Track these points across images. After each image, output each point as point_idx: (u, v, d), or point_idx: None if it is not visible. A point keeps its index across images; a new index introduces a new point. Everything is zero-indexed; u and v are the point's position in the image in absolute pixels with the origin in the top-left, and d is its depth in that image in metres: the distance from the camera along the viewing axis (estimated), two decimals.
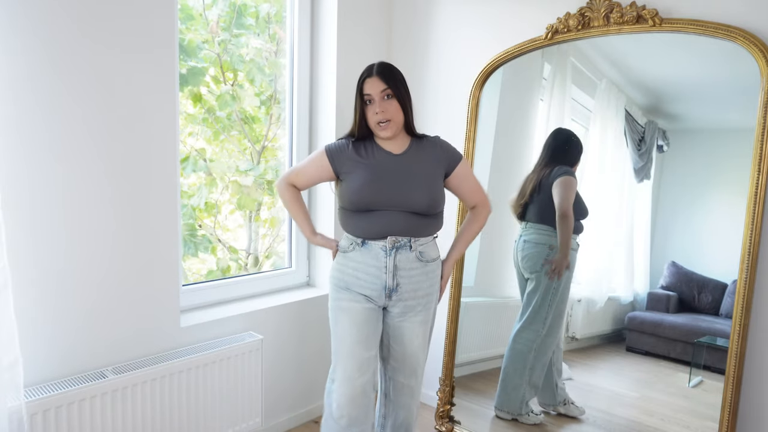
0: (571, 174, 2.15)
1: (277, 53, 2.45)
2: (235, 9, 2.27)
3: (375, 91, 1.69)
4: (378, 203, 1.70)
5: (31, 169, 1.58)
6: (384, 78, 1.69)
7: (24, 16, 1.52)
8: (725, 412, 1.77)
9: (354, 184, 1.72)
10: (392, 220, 1.70)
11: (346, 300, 1.76)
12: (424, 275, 1.77)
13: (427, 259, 1.77)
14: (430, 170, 1.76)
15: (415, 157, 1.77)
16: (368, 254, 1.72)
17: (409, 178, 1.72)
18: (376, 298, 1.75)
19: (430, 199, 1.72)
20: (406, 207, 1.70)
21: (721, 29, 1.74)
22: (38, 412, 1.56)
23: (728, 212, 1.85)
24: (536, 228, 2.21)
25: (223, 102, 2.26)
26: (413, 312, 1.77)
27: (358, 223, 1.73)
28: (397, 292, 1.74)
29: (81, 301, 1.72)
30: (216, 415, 2.00)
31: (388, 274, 1.72)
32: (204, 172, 2.28)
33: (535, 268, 2.21)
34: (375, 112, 1.70)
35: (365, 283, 1.74)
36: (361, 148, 1.77)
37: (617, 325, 2.22)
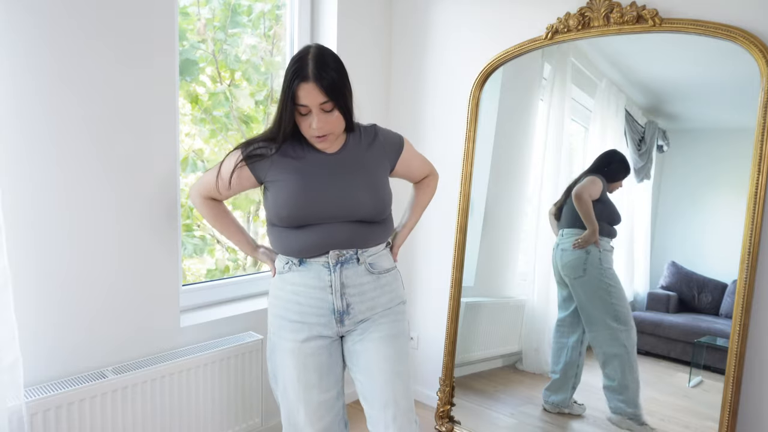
0: (598, 176, 2.14)
1: (273, 52, 2.45)
2: (230, 7, 2.27)
3: (313, 103, 1.35)
4: (314, 216, 1.41)
5: (31, 170, 1.58)
6: (324, 88, 1.33)
7: (26, 18, 1.52)
8: (725, 412, 1.77)
9: (282, 195, 1.41)
10: (333, 233, 1.42)
11: (289, 339, 1.45)
12: (379, 289, 1.48)
13: (379, 271, 1.49)
14: (374, 167, 1.49)
15: (354, 155, 1.48)
16: (308, 274, 1.43)
17: (351, 181, 1.43)
18: (326, 327, 1.45)
19: (377, 203, 1.45)
20: (349, 216, 1.42)
21: (721, 29, 1.74)
22: (38, 412, 1.55)
23: (728, 212, 1.85)
24: (571, 234, 2.19)
25: (217, 101, 2.26)
26: (373, 328, 1.46)
27: (292, 242, 1.44)
28: (350, 314, 1.45)
29: (81, 301, 1.72)
30: (216, 415, 2.00)
31: (335, 294, 1.43)
32: (202, 173, 2.28)
33: (576, 273, 2.18)
34: (311, 126, 1.37)
35: (309, 309, 1.44)
36: (289, 147, 1.46)
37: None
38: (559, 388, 2.26)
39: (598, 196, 2.13)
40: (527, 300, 2.43)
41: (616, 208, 2.13)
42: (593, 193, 2.13)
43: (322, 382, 1.46)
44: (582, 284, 2.18)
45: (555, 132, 2.32)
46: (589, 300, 2.18)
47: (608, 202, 2.13)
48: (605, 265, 2.13)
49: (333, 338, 1.48)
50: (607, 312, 2.15)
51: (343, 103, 1.38)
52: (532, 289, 2.43)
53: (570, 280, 2.21)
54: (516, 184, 2.45)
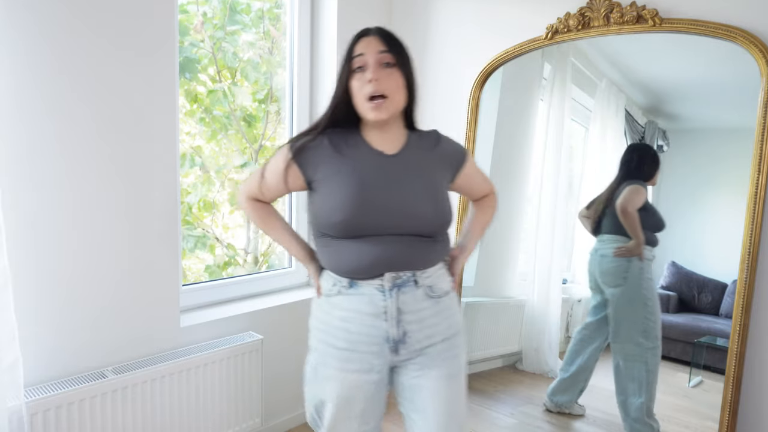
0: (640, 184, 2.05)
1: (272, 51, 2.45)
2: (228, 5, 2.27)
3: (371, 51, 1.23)
4: (371, 226, 1.23)
5: (31, 169, 1.58)
6: (386, 39, 1.25)
7: (26, 16, 1.52)
8: (725, 412, 1.77)
9: (335, 196, 1.24)
10: (389, 249, 1.24)
11: (336, 367, 1.29)
12: (439, 315, 1.31)
13: (438, 294, 1.32)
14: (436, 176, 1.33)
15: (416, 158, 1.32)
16: (360, 299, 1.26)
17: (412, 187, 1.27)
18: (378, 356, 1.28)
19: (440, 215, 1.28)
20: (409, 229, 1.25)
21: (721, 29, 1.74)
22: (38, 412, 1.55)
23: (728, 212, 1.85)
24: (613, 240, 2.09)
25: (215, 99, 2.26)
26: (433, 364, 1.30)
27: (343, 258, 1.27)
28: (406, 344, 1.27)
29: (81, 301, 1.72)
30: (216, 415, 2.00)
31: (390, 321, 1.26)
32: (200, 168, 2.28)
33: (616, 282, 2.09)
34: (368, 80, 1.22)
35: (359, 337, 1.27)
36: (342, 144, 1.29)
37: None
38: (566, 390, 2.24)
39: (642, 204, 2.04)
40: (527, 300, 2.44)
41: (660, 214, 2.04)
42: (638, 204, 2.03)
43: (364, 415, 1.32)
44: (620, 294, 2.09)
45: (555, 132, 2.32)
46: (623, 311, 2.09)
47: (651, 210, 2.05)
48: (646, 275, 2.05)
49: (383, 370, 1.31)
50: (637, 326, 2.06)
51: (405, 63, 1.27)
52: (532, 289, 2.43)
53: (607, 288, 2.12)
54: (516, 184, 2.45)
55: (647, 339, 2.05)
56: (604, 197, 2.13)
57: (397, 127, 1.34)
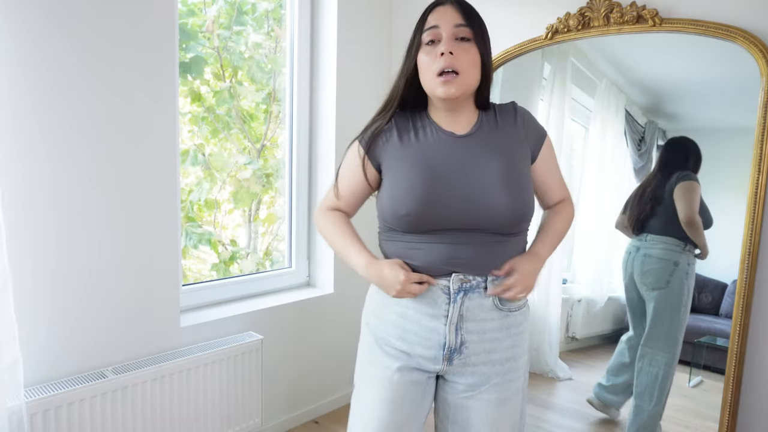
0: (693, 178, 1.94)
1: (276, 50, 2.45)
2: (235, 6, 2.27)
3: (446, 24, 1.12)
4: (440, 218, 1.12)
5: (31, 169, 1.58)
6: (464, 10, 1.13)
7: (25, 17, 1.52)
8: (725, 412, 1.77)
9: (400, 186, 1.14)
10: (459, 246, 1.13)
11: (380, 365, 1.19)
12: (504, 331, 1.19)
13: (509, 308, 1.19)
14: (515, 158, 1.17)
15: (489, 139, 1.17)
16: (421, 298, 1.16)
17: (486, 172, 1.12)
18: (429, 362, 1.18)
19: (518, 204, 1.13)
20: (480, 223, 1.12)
21: (721, 29, 1.74)
22: (38, 412, 1.55)
23: (728, 212, 1.85)
24: (659, 240, 2.00)
25: (222, 99, 2.26)
26: (486, 385, 1.17)
27: (406, 252, 1.17)
28: (462, 354, 1.16)
29: (81, 301, 1.72)
30: (216, 415, 2.00)
31: (450, 326, 1.15)
32: (202, 166, 2.28)
33: (658, 284, 2.00)
34: (440, 54, 1.11)
35: (414, 338, 1.17)
36: (409, 126, 1.19)
37: (617, 325, 2.22)
38: (619, 393, 2.17)
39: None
40: (527, 300, 2.43)
41: (709, 210, 1.94)
42: (698, 202, 1.92)
43: (405, 426, 1.19)
44: (661, 297, 2.01)
45: (555, 132, 2.32)
46: (662, 315, 2.01)
47: (703, 206, 1.94)
48: (690, 281, 1.97)
49: (432, 375, 1.21)
50: (672, 332, 1.99)
51: (482, 39, 1.14)
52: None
53: (647, 290, 2.03)
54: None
55: (675, 345, 1.99)
56: (650, 195, 2.02)
57: (469, 108, 1.20)
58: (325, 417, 2.52)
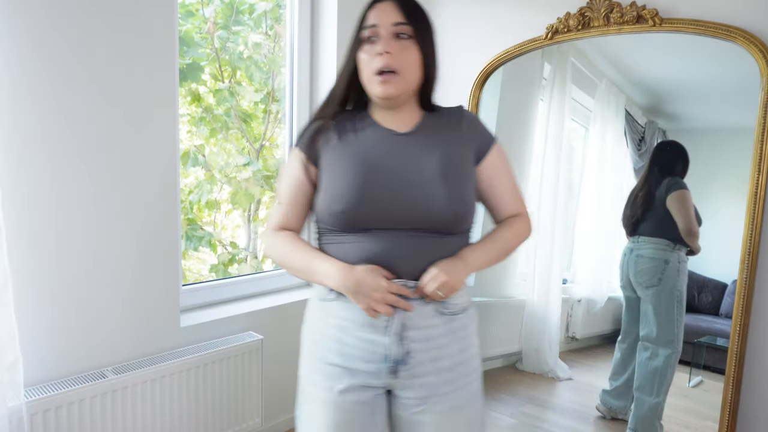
0: (684, 186, 2.00)
1: (275, 50, 2.45)
2: (233, 7, 2.27)
3: (384, 22, 1.08)
4: (374, 216, 1.07)
5: (31, 169, 1.58)
6: (404, 7, 1.09)
7: (25, 17, 1.52)
8: (725, 412, 1.77)
9: (334, 185, 1.09)
10: (396, 248, 1.07)
11: (323, 386, 1.11)
12: (450, 336, 1.12)
13: (453, 311, 1.12)
14: (457, 157, 1.13)
15: (430, 138, 1.14)
16: (356, 307, 1.08)
17: (425, 169, 1.08)
18: (374, 376, 1.10)
19: (457, 202, 1.08)
20: (418, 222, 1.07)
21: (721, 29, 1.74)
22: (38, 412, 1.55)
23: (728, 212, 1.85)
24: (651, 241, 2.07)
25: (221, 98, 2.26)
26: (437, 396, 1.10)
27: (342, 255, 1.10)
28: (407, 365, 1.09)
29: (81, 301, 1.72)
30: (216, 415, 2.00)
31: (392, 336, 1.08)
32: (202, 167, 2.28)
33: (651, 282, 2.07)
34: (377, 53, 1.07)
35: (354, 352, 1.09)
36: (348, 126, 1.16)
37: (617, 325, 2.22)
38: (621, 395, 2.19)
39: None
40: (527, 300, 2.44)
41: (698, 211, 1.99)
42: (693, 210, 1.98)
43: None
44: (654, 294, 2.07)
45: (555, 132, 2.32)
46: (656, 312, 2.07)
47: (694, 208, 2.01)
48: (681, 278, 2.03)
49: (379, 391, 1.13)
50: (667, 328, 2.04)
51: (423, 36, 1.11)
52: (532, 289, 2.44)
53: (641, 288, 2.10)
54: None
55: (674, 342, 2.03)
56: (641, 200, 2.08)
57: (411, 108, 1.18)
58: None
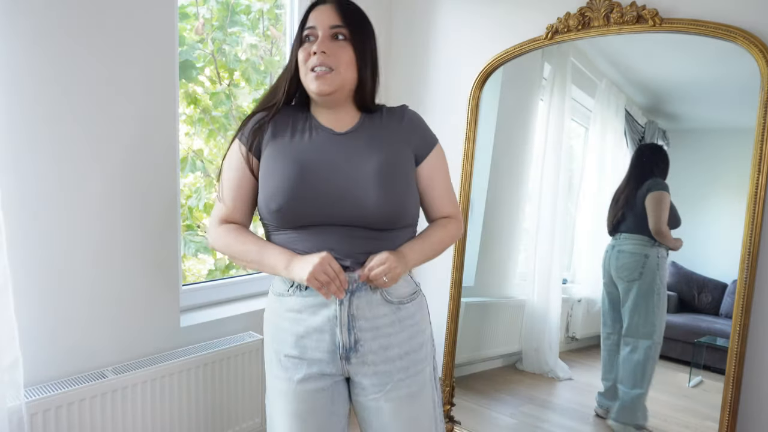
0: (664, 187, 2.05)
1: (272, 51, 2.45)
2: (228, 7, 2.27)
3: (322, 24, 1.13)
4: (310, 214, 1.11)
5: (31, 169, 1.58)
6: (341, 10, 1.14)
7: (25, 17, 1.52)
8: (725, 412, 1.77)
9: (271, 183, 1.12)
10: (334, 243, 1.11)
11: (282, 377, 1.18)
12: (398, 324, 1.17)
13: (399, 300, 1.18)
14: (393, 157, 1.16)
15: (367, 138, 1.17)
16: (309, 300, 1.15)
17: (361, 169, 1.12)
18: (327, 365, 1.17)
19: (391, 205, 1.12)
20: (354, 220, 1.11)
21: (721, 29, 1.74)
22: (38, 412, 1.55)
23: (728, 212, 1.85)
24: (631, 238, 2.12)
25: (218, 101, 2.26)
26: (391, 383, 1.17)
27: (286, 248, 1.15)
28: (357, 352, 1.15)
29: (81, 301, 1.72)
30: (216, 415, 2.00)
31: (342, 327, 1.13)
32: (201, 172, 2.28)
33: (632, 276, 2.12)
34: (312, 52, 1.12)
35: (309, 342, 1.16)
36: (289, 122, 1.19)
37: None
38: (615, 396, 2.19)
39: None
40: (527, 300, 2.44)
41: (677, 212, 2.03)
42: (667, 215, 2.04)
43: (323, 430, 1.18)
44: (636, 287, 2.11)
45: (555, 132, 2.32)
46: (636, 305, 2.11)
47: (672, 207, 2.05)
48: (662, 272, 2.07)
49: (336, 378, 1.19)
50: (647, 320, 2.09)
51: (359, 39, 1.15)
52: (532, 289, 2.43)
53: (622, 282, 2.14)
54: (516, 184, 2.45)
55: (655, 334, 2.08)
56: (623, 200, 2.13)
57: (349, 107, 1.22)
58: None
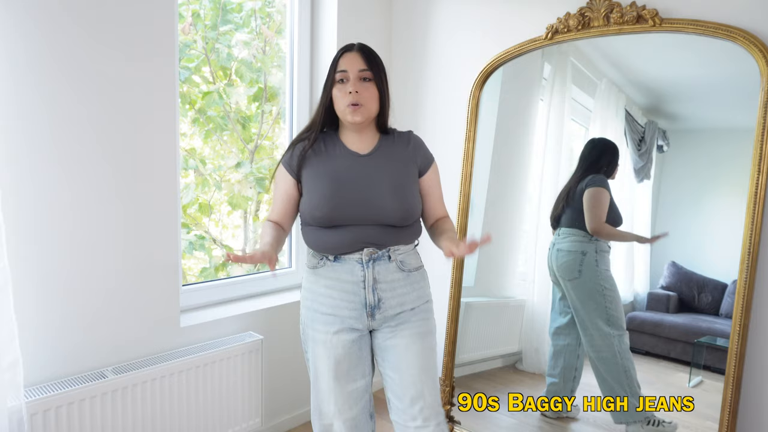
0: (601, 184, 2.07)
1: (265, 50, 2.45)
2: (220, 5, 2.26)
3: (352, 69, 1.48)
4: (345, 218, 1.47)
5: (31, 169, 1.58)
6: (366, 57, 1.49)
7: (26, 17, 1.53)
8: (725, 412, 1.77)
9: (315, 197, 1.48)
10: (364, 233, 1.48)
11: (321, 330, 1.51)
12: (409, 286, 1.54)
13: (409, 269, 1.55)
14: (403, 173, 1.54)
15: (384, 158, 1.54)
16: (342, 268, 1.50)
17: (378, 185, 1.49)
18: (357, 320, 1.51)
19: (403, 210, 1.49)
20: (376, 220, 1.48)
21: (721, 29, 1.74)
22: (38, 412, 1.56)
23: (728, 212, 1.85)
24: (568, 233, 2.14)
25: (211, 101, 2.25)
26: (403, 325, 1.52)
27: (328, 240, 1.50)
28: (380, 309, 1.50)
29: (81, 301, 1.72)
30: (216, 415, 2.00)
31: (368, 288, 1.49)
32: (193, 170, 2.27)
33: (572, 275, 2.14)
34: (348, 92, 1.47)
35: (341, 302, 1.50)
36: (321, 146, 1.54)
37: None
38: (557, 393, 2.25)
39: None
40: (527, 300, 2.44)
41: (618, 209, 2.09)
42: (605, 212, 2.06)
43: (351, 373, 1.52)
44: (576, 286, 2.15)
45: (555, 132, 2.32)
46: (583, 303, 2.15)
47: (612, 206, 2.09)
48: (602, 267, 2.10)
49: (363, 332, 1.53)
50: (600, 315, 2.11)
51: (380, 80, 1.50)
52: (532, 289, 2.43)
53: (564, 281, 2.18)
54: (516, 184, 2.45)
55: (611, 327, 2.09)
56: (564, 194, 2.17)
57: (371, 131, 1.57)
58: None
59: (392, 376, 1.52)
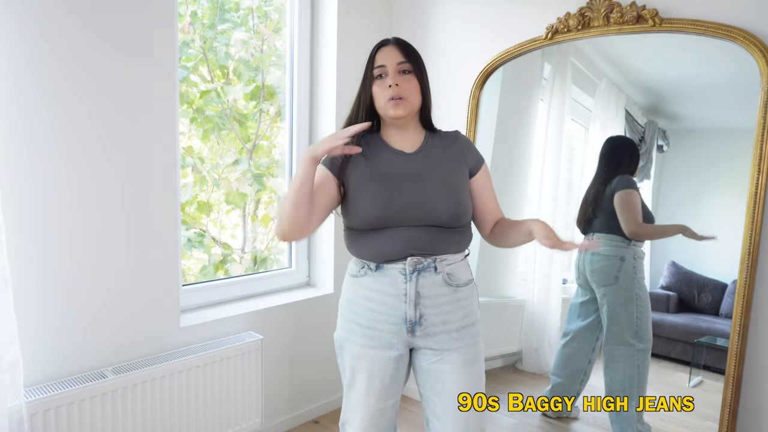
0: (631, 185, 2.02)
1: (262, 49, 2.44)
2: (218, 4, 2.26)
3: (390, 63, 1.40)
4: (392, 219, 1.36)
5: (31, 169, 1.58)
6: (403, 50, 1.42)
7: (28, 19, 1.52)
8: (725, 412, 1.77)
9: (360, 198, 1.38)
10: (411, 237, 1.36)
11: (359, 343, 1.42)
12: (455, 303, 1.40)
13: (457, 283, 1.40)
14: (454, 171, 1.43)
15: (433, 156, 1.44)
16: (383, 280, 1.38)
17: (428, 183, 1.38)
18: (396, 336, 1.39)
19: (456, 207, 1.38)
20: (427, 220, 1.36)
21: (721, 29, 1.74)
22: (38, 412, 1.55)
23: (728, 212, 1.85)
24: (605, 239, 2.06)
25: (209, 99, 2.25)
26: (450, 349, 1.39)
27: (369, 245, 1.39)
28: (422, 326, 1.38)
29: (81, 301, 1.72)
30: (216, 415, 2.00)
31: (409, 303, 1.37)
32: (191, 168, 2.27)
33: (607, 281, 2.07)
34: (388, 86, 1.38)
35: (380, 316, 1.39)
36: (365, 147, 1.43)
37: None
38: (561, 393, 2.24)
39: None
40: (527, 300, 2.44)
41: (648, 209, 2.02)
42: (640, 212, 2.00)
43: (383, 392, 1.43)
44: (612, 292, 2.06)
45: (555, 132, 2.32)
46: (615, 310, 2.07)
47: (643, 204, 2.03)
48: (639, 275, 2.03)
49: (402, 351, 1.42)
50: (630, 327, 2.04)
51: (419, 71, 1.43)
52: (532, 289, 2.44)
53: (598, 287, 2.10)
54: (516, 184, 2.45)
55: (639, 340, 2.03)
56: (592, 197, 2.10)
57: (415, 127, 1.47)
58: (325, 417, 2.52)
59: (437, 401, 1.41)
